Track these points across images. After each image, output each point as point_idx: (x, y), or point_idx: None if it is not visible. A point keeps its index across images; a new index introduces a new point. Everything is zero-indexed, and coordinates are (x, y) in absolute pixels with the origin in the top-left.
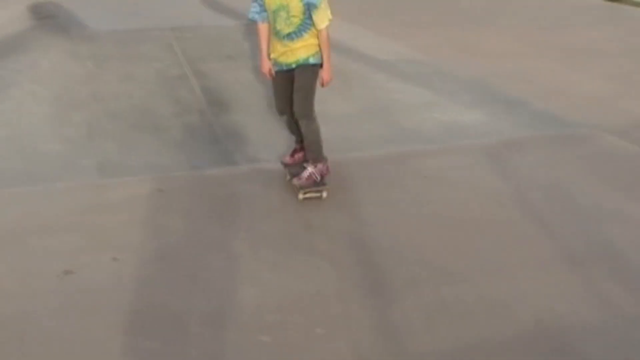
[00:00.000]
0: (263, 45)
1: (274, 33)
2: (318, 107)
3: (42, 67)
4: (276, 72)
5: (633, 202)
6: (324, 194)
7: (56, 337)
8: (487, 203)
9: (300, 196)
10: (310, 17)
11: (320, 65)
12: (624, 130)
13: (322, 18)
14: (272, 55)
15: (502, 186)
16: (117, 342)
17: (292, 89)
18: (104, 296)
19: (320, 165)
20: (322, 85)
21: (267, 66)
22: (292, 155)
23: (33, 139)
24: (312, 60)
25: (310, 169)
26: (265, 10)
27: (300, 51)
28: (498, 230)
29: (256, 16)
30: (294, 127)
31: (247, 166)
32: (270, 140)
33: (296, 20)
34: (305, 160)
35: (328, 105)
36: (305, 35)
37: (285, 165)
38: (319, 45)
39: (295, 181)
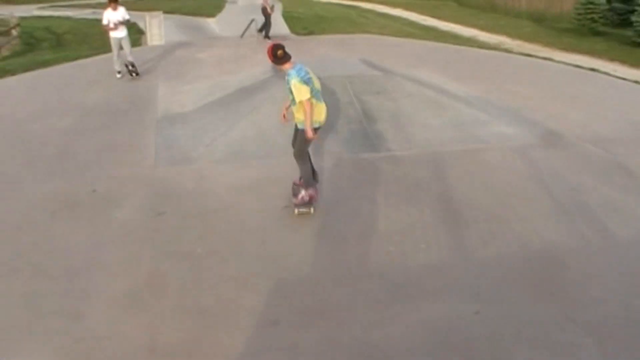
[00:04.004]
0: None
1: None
2: (427, 115)
3: (275, 97)
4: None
5: (591, 179)
6: (312, 210)
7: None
8: (515, 177)
9: (296, 212)
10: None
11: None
12: (594, 141)
13: (297, 95)
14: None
15: (525, 168)
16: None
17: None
18: (307, 223)
19: (310, 191)
20: (306, 141)
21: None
22: (300, 179)
23: (268, 135)
24: (299, 126)
25: (302, 193)
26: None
27: (297, 115)
28: (520, 190)
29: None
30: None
31: (384, 153)
32: (399, 139)
33: (291, 97)
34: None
35: (430, 120)
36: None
37: (294, 184)
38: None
39: (293, 199)
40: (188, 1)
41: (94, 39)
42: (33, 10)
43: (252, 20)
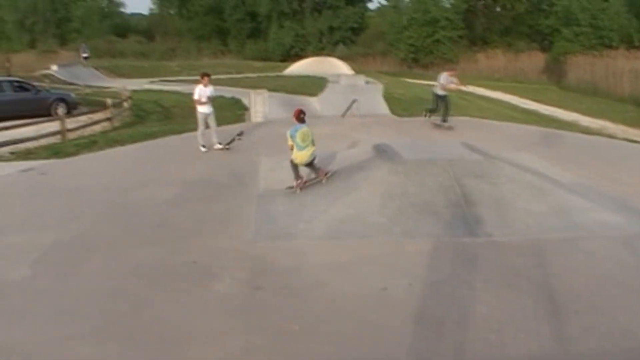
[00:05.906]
0: None
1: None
2: (528, 200)
3: (376, 177)
4: None
5: None
6: (298, 191)
7: (366, 321)
8: (619, 267)
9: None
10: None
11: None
12: None
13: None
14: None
15: (629, 258)
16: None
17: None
18: (404, 305)
19: (296, 182)
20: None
21: None
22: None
23: (368, 215)
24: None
25: (295, 183)
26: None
27: None
28: (624, 281)
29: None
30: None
31: (484, 238)
32: (499, 224)
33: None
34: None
35: (531, 206)
36: None
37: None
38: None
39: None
40: (291, 80)
41: None
42: (144, 84)
43: (354, 101)
